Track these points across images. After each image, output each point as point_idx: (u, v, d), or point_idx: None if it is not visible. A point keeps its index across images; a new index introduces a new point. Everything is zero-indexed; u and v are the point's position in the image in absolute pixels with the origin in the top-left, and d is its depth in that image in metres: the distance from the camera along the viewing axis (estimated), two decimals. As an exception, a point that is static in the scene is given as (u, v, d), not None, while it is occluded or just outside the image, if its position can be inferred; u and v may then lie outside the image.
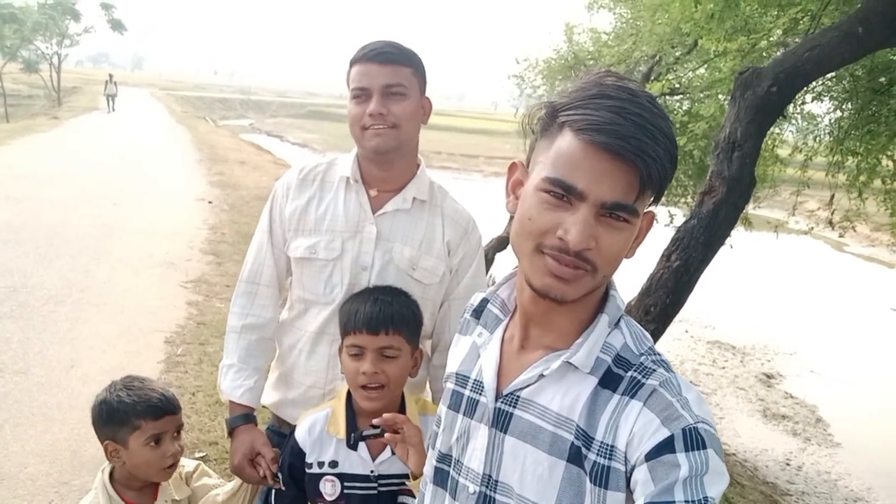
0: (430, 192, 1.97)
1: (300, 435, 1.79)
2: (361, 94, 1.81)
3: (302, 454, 1.78)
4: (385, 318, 1.73)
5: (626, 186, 0.96)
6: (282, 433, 2.03)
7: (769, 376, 9.41)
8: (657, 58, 7.39)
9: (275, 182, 2.08)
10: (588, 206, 0.97)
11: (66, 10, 36.36)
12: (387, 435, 1.60)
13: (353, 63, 1.85)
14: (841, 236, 7.93)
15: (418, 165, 1.98)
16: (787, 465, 7.09)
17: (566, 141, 0.98)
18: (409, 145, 1.90)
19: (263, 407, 2.14)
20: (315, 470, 1.76)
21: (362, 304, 1.76)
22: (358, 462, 1.75)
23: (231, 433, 1.97)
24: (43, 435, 3.85)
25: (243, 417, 1.97)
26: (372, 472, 1.74)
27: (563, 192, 0.98)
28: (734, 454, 6.86)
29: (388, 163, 1.88)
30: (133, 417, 1.85)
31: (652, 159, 0.95)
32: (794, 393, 8.90)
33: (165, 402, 1.89)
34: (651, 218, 1.07)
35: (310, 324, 1.95)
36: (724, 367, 9.56)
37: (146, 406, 1.85)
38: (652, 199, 1.02)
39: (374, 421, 1.60)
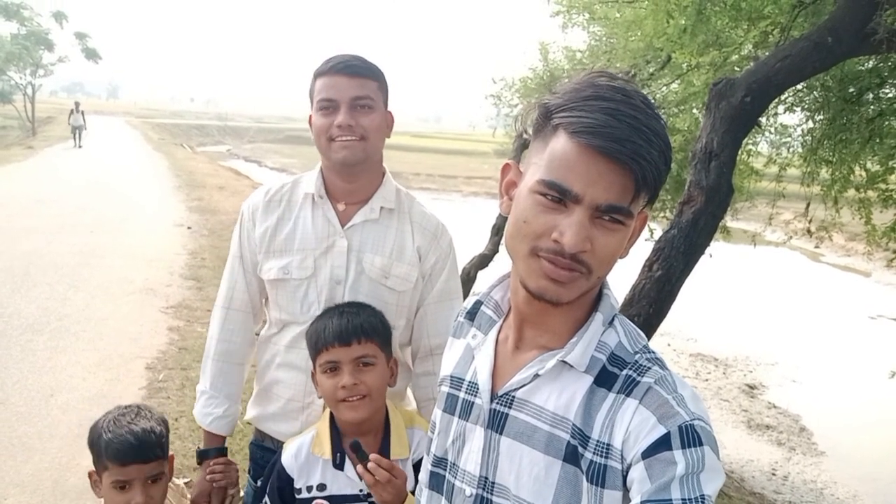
0: (398, 200, 1.97)
1: (286, 460, 1.77)
2: (329, 106, 1.81)
3: (290, 479, 1.75)
4: (355, 327, 1.72)
5: (620, 189, 0.97)
6: (264, 446, 2.03)
7: (752, 387, 9.46)
8: (631, 74, 7.47)
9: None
10: (583, 209, 0.97)
11: (40, 40, 36.08)
12: (366, 477, 1.57)
13: (318, 75, 1.85)
14: (817, 247, 8.03)
15: (383, 174, 1.97)
16: (774, 474, 7.11)
17: (560, 143, 0.99)
18: (375, 157, 1.90)
19: (247, 423, 2.13)
20: (304, 495, 1.74)
21: (329, 319, 1.76)
22: (346, 482, 1.73)
23: (200, 463, 2.05)
24: (23, 465, 3.78)
25: (215, 451, 2.04)
26: (361, 490, 1.71)
27: (557, 195, 0.98)
28: (721, 465, 6.86)
29: (354, 175, 1.88)
30: (104, 456, 1.75)
31: (647, 161, 0.95)
32: (778, 403, 8.95)
33: (135, 450, 1.75)
34: (644, 218, 1.07)
35: (285, 338, 1.95)
36: (707, 380, 9.60)
37: (115, 449, 1.74)
38: (647, 200, 1.02)
39: (372, 457, 1.58)
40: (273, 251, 1.92)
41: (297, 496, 1.74)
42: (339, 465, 1.72)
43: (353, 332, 1.71)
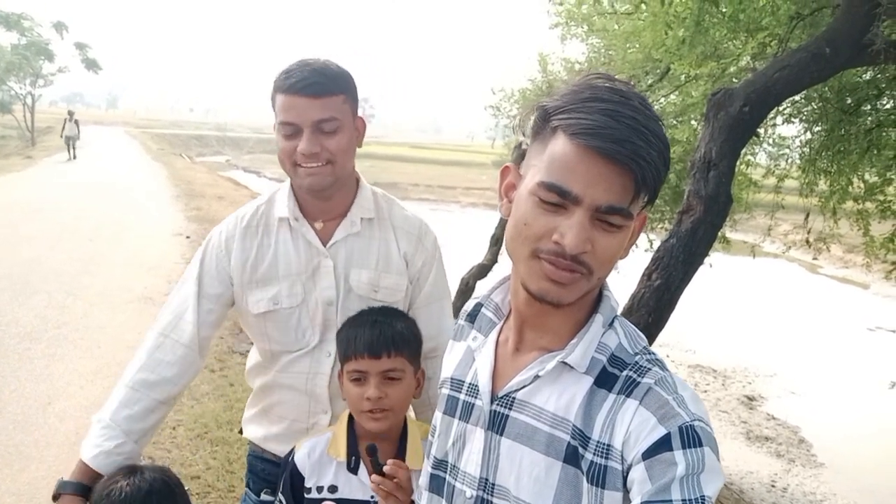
0: (377, 207, 1.87)
1: (299, 458, 1.75)
2: (291, 131, 1.68)
3: (301, 478, 1.73)
4: (386, 340, 1.68)
5: (620, 190, 0.97)
6: (265, 458, 1.98)
7: (751, 399, 9.45)
8: (631, 84, 7.49)
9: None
10: (583, 210, 0.98)
11: (40, 51, 36.11)
12: (373, 477, 1.52)
13: (277, 90, 1.69)
14: (815, 258, 8.04)
15: (357, 181, 1.87)
16: (773, 486, 7.09)
17: (560, 145, 0.99)
18: (345, 176, 1.78)
19: (240, 433, 2.10)
20: (314, 495, 1.71)
21: (361, 328, 1.72)
22: (358, 487, 1.70)
23: (56, 497, 1.66)
24: (20, 474, 3.76)
25: (76, 487, 1.65)
26: (372, 497, 1.68)
27: (558, 197, 0.98)
28: (720, 476, 6.84)
29: (325, 196, 1.79)
30: None
31: (646, 162, 0.96)
32: (777, 414, 8.95)
33: None
34: (644, 219, 1.07)
35: (277, 364, 1.87)
36: (706, 391, 9.59)
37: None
38: (646, 200, 1.02)
39: (389, 462, 1.52)
40: (256, 281, 1.82)
41: (307, 496, 1.72)
42: (353, 469, 1.71)
43: (383, 345, 1.68)
